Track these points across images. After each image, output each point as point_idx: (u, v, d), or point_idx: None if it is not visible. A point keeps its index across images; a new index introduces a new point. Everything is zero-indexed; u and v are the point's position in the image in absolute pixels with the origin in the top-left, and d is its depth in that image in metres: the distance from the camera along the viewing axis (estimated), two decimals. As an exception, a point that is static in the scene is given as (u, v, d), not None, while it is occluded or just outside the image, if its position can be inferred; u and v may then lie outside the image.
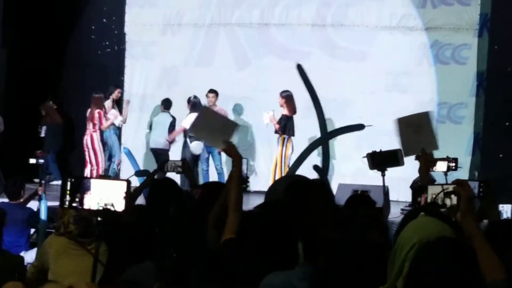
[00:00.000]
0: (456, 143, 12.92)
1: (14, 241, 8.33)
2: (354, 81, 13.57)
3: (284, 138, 12.39)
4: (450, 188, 3.24)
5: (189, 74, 14.42)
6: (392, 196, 10.40)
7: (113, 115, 13.58)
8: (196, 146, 12.92)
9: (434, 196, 3.49)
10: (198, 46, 14.54)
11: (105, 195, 3.61)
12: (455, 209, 3.19)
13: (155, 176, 6.42)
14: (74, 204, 3.63)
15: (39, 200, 9.23)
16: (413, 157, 12.32)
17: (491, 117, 13.19)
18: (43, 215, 9.02)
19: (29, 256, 7.71)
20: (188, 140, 13.09)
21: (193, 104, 13.14)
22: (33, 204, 9.33)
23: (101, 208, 3.60)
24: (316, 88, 13.56)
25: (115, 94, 13.96)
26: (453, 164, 9.81)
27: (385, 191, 10.07)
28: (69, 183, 3.63)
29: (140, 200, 6.33)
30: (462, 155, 12.95)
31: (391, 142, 13.15)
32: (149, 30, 14.74)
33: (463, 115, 13.31)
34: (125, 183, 3.61)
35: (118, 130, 13.93)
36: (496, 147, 13.03)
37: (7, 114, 14.29)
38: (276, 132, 12.55)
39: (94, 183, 3.64)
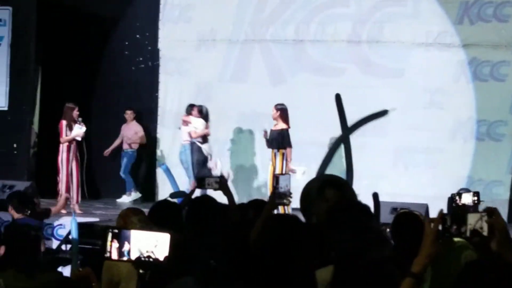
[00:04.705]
0: (496, 160, 12.85)
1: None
2: (390, 98, 13.45)
3: (283, 153, 12.18)
4: (485, 217, 3.15)
5: (224, 90, 14.37)
6: (431, 214, 10.24)
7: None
8: (208, 148, 12.98)
9: (471, 226, 3.36)
10: (232, 62, 14.49)
11: (146, 246, 3.58)
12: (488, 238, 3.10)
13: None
14: (114, 256, 3.61)
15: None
16: (449, 176, 12.19)
17: (531, 135, 13.05)
18: (74, 234, 8.99)
19: (66, 271, 7.66)
20: (198, 143, 13.04)
21: (205, 114, 13.39)
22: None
23: (142, 259, 3.57)
24: (351, 104, 13.50)
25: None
26: (476, 198, 9.97)
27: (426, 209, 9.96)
28: (110, 234, 3.58)
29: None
30: (503, 173, 12.89)
31: (427, 159, 13.23)
32: (183, 46, 14.71)
33: (503, 133, 13.13)
34: (168, 236, 3.55)
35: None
36: (536, 164, 12.90)
37: (42, 132, 14.37)
38: (270, 147, 12.25)
39: (135, 234, 3.61)
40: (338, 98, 11.64)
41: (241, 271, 3.79)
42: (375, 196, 10.26)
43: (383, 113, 10.81)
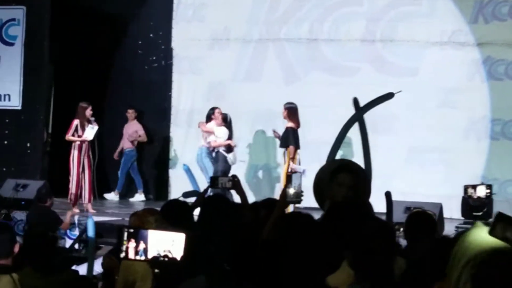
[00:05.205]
0: (510, 160, 12.79)
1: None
2: (404, 97, 13.33)
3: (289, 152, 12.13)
4: None
5: (237, 89, 14.35)
6: (445, 213, 10.22)
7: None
8: (233, 158, 12.87)
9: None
10: (246, 61, 14.47)
11: (163, 246, 3.55)
12: None
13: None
14: (130, 256, 3.58)
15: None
16: (463, 175, 12.14)
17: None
18: (91, 233, 9.00)
19: (81, 270, 7.65)
20: (222, 152, 12.92)
21: (229, 123, 13.20)
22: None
23: (159, 259, 3.55)
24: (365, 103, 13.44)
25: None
26: (489, 191, 10.32)
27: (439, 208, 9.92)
28: (126, 233, 3.56)
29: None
30: (518, 172, 12.79)
31: (441, 158, 13.15)
32: (197, 45, 14.69)
33: (518, 132, 13.10)
34: (183, 235, 3.53)
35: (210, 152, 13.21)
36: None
37: (55, 131, 14.38)
38: (281, 146, 12.29)
39: (151, 234, 3.58)
40: (356, 102, 11.55)
41: (249, 271, 3.77)
42: (388, 195, 10.22)
43: (389, 95, 10.80)
